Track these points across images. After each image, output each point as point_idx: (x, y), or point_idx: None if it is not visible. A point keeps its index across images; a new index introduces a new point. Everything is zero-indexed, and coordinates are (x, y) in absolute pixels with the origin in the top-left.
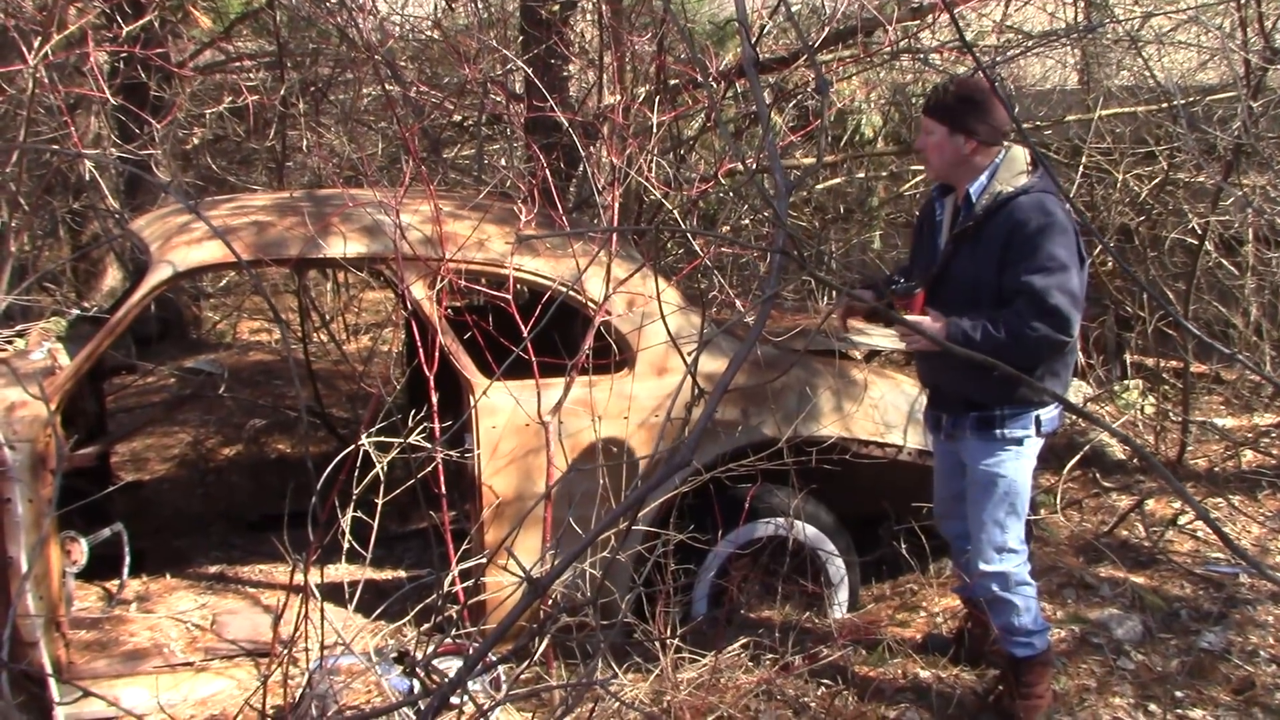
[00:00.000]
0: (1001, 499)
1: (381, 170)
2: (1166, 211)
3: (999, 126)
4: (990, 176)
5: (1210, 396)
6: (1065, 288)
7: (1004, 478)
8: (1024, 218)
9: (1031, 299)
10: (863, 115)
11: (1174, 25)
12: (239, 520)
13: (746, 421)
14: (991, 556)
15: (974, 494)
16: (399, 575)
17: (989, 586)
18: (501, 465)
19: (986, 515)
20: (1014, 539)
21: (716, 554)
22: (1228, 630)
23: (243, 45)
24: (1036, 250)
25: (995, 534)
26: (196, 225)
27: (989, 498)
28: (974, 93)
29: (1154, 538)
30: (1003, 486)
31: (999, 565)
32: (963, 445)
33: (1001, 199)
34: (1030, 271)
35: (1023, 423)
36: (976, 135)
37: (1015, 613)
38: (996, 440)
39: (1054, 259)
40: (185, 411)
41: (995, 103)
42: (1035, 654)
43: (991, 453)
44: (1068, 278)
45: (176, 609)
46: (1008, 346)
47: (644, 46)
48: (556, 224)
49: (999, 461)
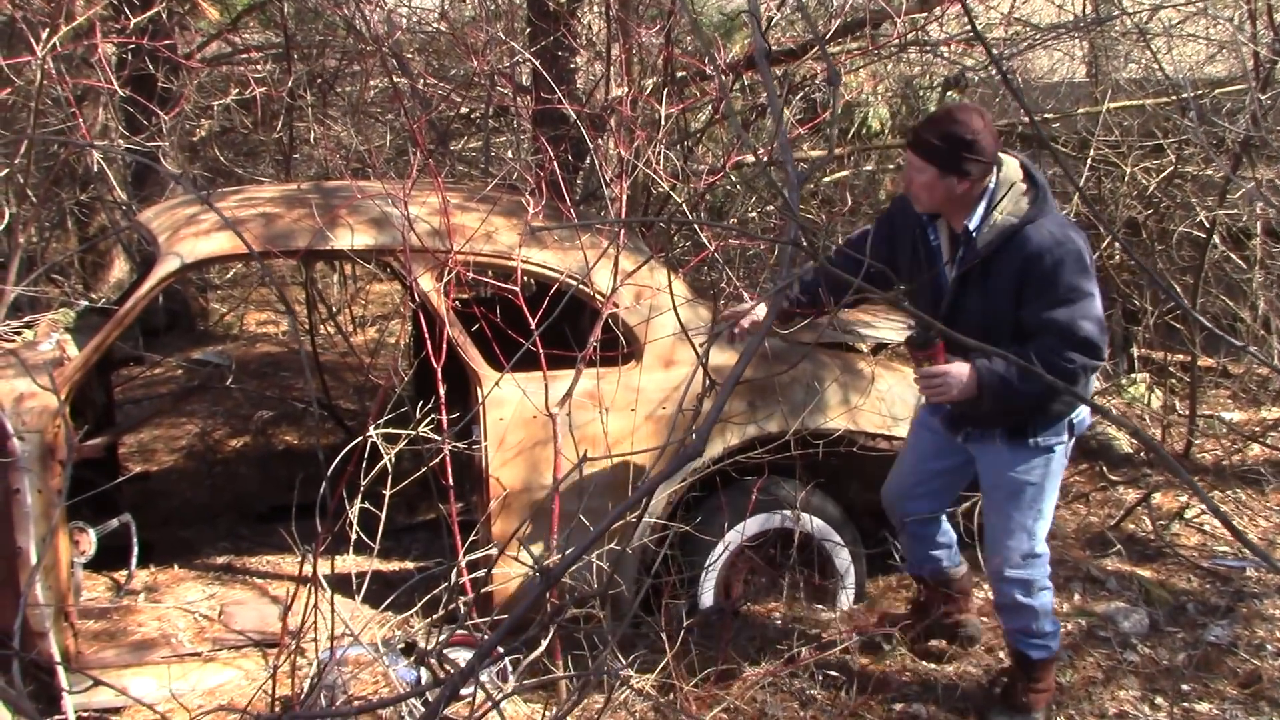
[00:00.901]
0: (1030, 505)
1: (389, 162)
2: (1174, 205)
3: (990, 158)
4: (988, 207)
5: (1217, 390)
6: (1091, 316)
7: (1034, 485)
8: (1036, 251)
9: (1061, 333)
10: (870, 108)
11: (1183, 18)
12: (246, 511)
13: (754, 414)
14: (1018, 563)
15: (999, 499)
16: (406, 566)
17: (1011, 593)
18: (509, 457)
19: (1015, 522)
20: (1040, 544)
21: (723, 547)
22: (1234, 624)
23: (250, 37)
24: (1056, 284)
25: (1023, 540)
26: (204, 217)
27: (1018, 504)
28: (962, 130)
29: (1161, 531)
30: (1032, 493)
31: (1024, 572)
32: (988, 450)
33: (1007, 231)
34: (1054, 306)
35: (1056, 429)
36: (969, 175)
37: (1035, 618)
38: (1029, 449)
39: (1075, 289)
40: (193, 403)
41: (987, 135)
42: (1050, 655)
43: (1024, 460)
44: (1091, 305)
45: (184, 599)
46: (1043, 382)
47: (651, 38)
48: (564, 216)
49: (1031, 469)
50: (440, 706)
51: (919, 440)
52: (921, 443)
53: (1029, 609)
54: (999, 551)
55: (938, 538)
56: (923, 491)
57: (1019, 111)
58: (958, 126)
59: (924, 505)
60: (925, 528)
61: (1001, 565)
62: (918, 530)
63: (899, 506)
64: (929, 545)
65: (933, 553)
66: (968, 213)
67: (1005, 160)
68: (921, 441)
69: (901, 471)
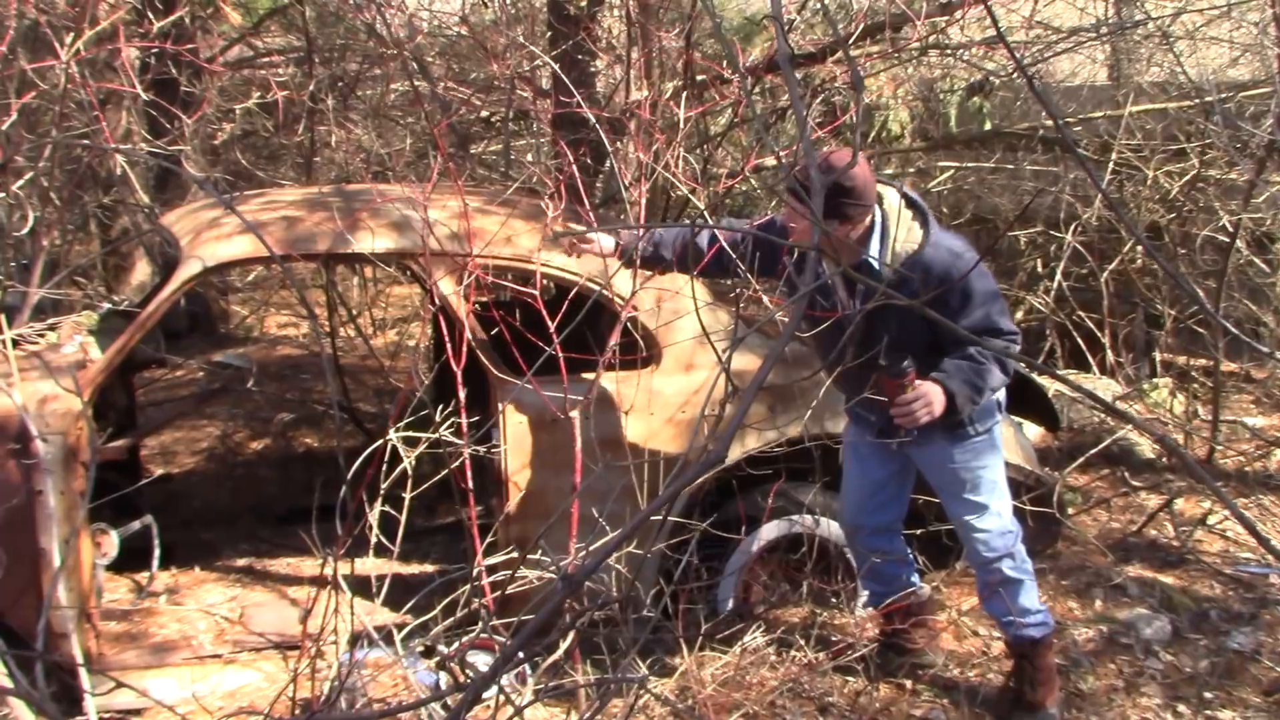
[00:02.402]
0: (990, 488)
1: (409, 166)
2: (1197, 208)
3: (869, 200)
4: (881, 239)
5: (1240, 395)
6: (1004, 309)
7: (986, 467)
8: (944, 272)
9: (991, 330)
10: (890, 111)
11: (1206, 20)
12: (267, 514)
13: (773, 419)
14: (997, 541)
15: (958, 492)
16: (426, 569)
17: (1000, 569)
18: (527, 460)
19: (976, 506)
20: (1010, 520)
21: (741, 551)
22: (1258, 631)
23: (271, 41)
24: (974, 293)
25: (994, 520)
26: (226, 220)
27: (978, 491)
28: (840, 178)
29: (1183, 537)
30: (982, 474)
31: (1003, 547)
32: (929, 450)
33: (909, 260)
34: (974, 312)
35: (988, 412)
36: (850, 219)
37: (1024, 591)
38: (972, 437)
39: (987, 293)
40: (214, 405)
41: (862, 177)
42: (1050, 630)
43: (970, 450)
44: (1001, 300)
45: (205, 601)
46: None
47: (671, 42)
48: (584, 220)
49: (979, 455)
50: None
51: (856, 458)
52: (859, 459)
53: (1017, 582)
54: (976, 538)
55: (902, 556)
56: (876, 503)
57: (1040, 115)
58: (834, 174)
59: (882, 516)
60: (889, 543)
61: (982, 550)
62: (880, 546)
63: (858, 526)
64: (895, 565)
65: (899, 573)
66: (858, 251)
67: (884, 191)
68: (859, 458)
69: (849, 492)
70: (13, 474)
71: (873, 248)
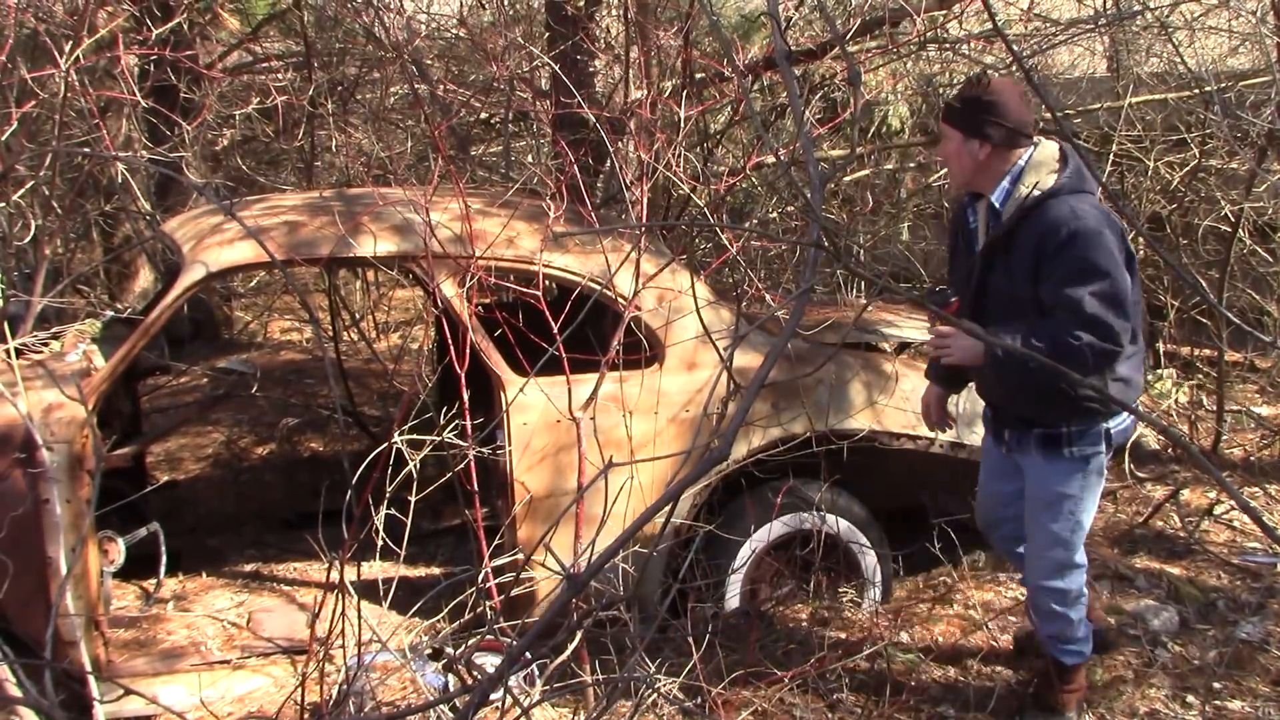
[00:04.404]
0: (1067, 517)
1: (410, 169)
2: (1199, 199)
3: (1017, 127)
4: (1014, 181)
5: (1245, 385)
6: (1104, 294)
7: (1070, 497)
8: (1052, 226)
9: (1071, 310)
10: (890, 106)
11: (1204, 10)
12: (273, 519)
13: (778, 415)
14: (1054, 575)
15: (1036, 511)
16: (433, 572)
17: (1047, 602)
18: (534, 462)
19: (1051, 534)
20: (1078, 554)
21: (749, 548)
22: (1266, 620)
23: (270, 46)
24: (1068, 259)
25: (1059, 553)
26: (228, 226)
27: (1054, 517)
28: (986, 93)
29: (1190, 528)
30: (1069, 506)
31: (1060, 583)
32: (1028, 461)
33: (1028, 205)
34: (1065, 283)
35: (1091, 439)
36: (990, 139)
37: (1069, 625)
38: (1065, 460)
39: (1088, 265)
40: (218, 411)
41: (1012, 102)
42: (1084, 660)
43: (1061, 472)
44: (1106, 284)
45: (213, 607)
46: (1051, 355)
47: (670, 40)
48: (585, 220)
49: (1068, 481)
50: (470, 713)
51: (986, 462)
52: (988, 465)
53: (1063, 617)
54: (1036, 563)
55: None
56: (1001, 516)
57: (1041, 107)
58: (979, 90)
59: (1011, 528)
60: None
61: (1037, 576)
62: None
63: (988, 530)
64: None
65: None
66: (995, 185)
67: (1043, 142)
68: (988, 463)
69: (981, 497)
70: (19, 483)
71: (1002, 189)
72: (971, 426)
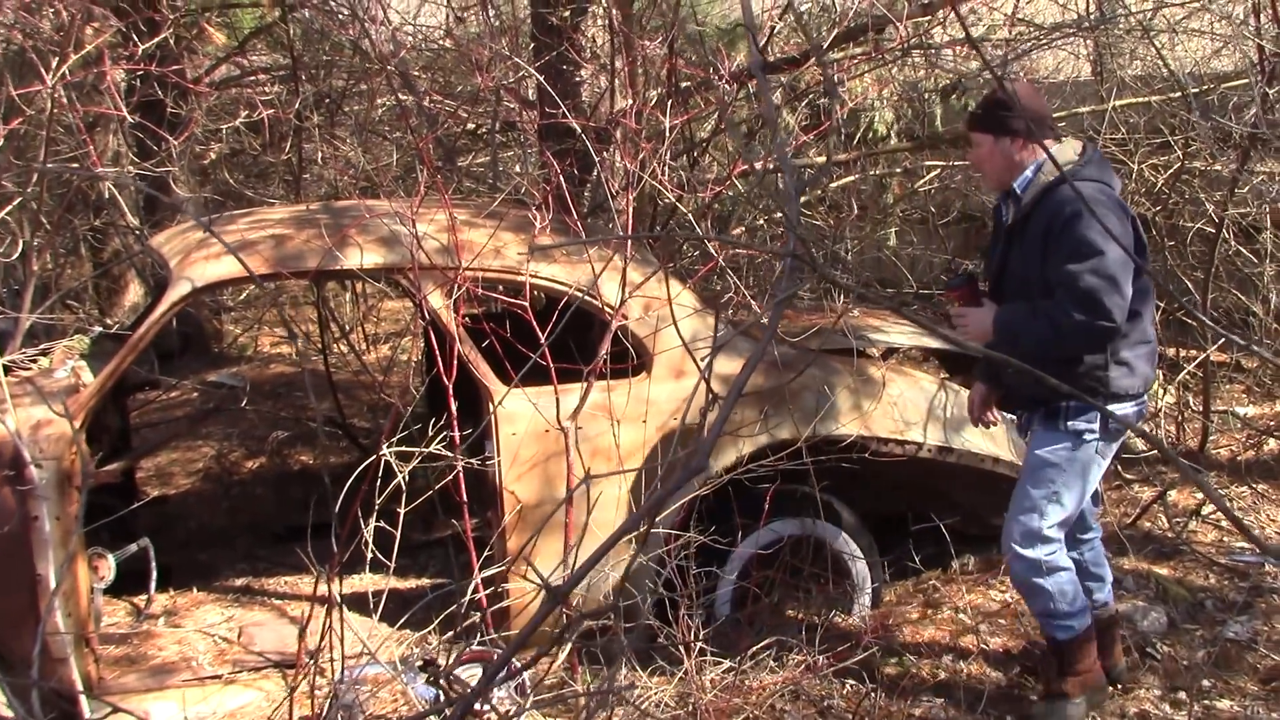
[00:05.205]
0: (1046, 484)
1: (397, 180)
2: (1183, 201)
3: (1040, 119)
4: (1036, 170)
5: (1231, 385)
6: (1098, 271)
7: (1054, 466)
8: (1058, 207)
9: (1066, 287)
10: (876, 112)
11: (1187, 13)
12: (264, 532)
13: (766, 422)
14: (1024, 542)
15: (1023, 476)
16: (424, 583)
17: (1025, 573)
18: (523, 471)
19: (1029, 498)
20: (1050, 527)
21: (738, 555)
22: (1253, 619)
23: (257, 59)
24: (1068, 238)
25: (1033, 518)
26: (215, 240)
27: (1035, 480)
28: (1000, 94)
29: (1177, 528)
30: (1051, 474)
31: (1031, 552)
32: (1032, 439)
33: (1044, 188)
34: (1064, 261)
35: (1088, 416)
36: (1019, 132)
37: (1051, 598)
38: (1060, 431)
39: (1085, 243)
40: (208, 425)
41: (1029, 97)
42: (1075, 635)
43: (1052, 440)
44: (1101, 262)
45: (204, 622)
46: (1046, 334)
47: (655, 50)
48: (571, 230)
49: (1055, 450)
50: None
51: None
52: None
53: (1043, 590)
54: (1009, 524)
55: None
56: None
57: None
58: (995, 93)
59: None
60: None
61: (1009, 540)
62: None
63: None
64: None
65: (1084, 584)
66: (1020, 175)
67: (1067, 141)
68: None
69: None
70: (8, 500)
71: (1024, 176)
72: (958, 430)
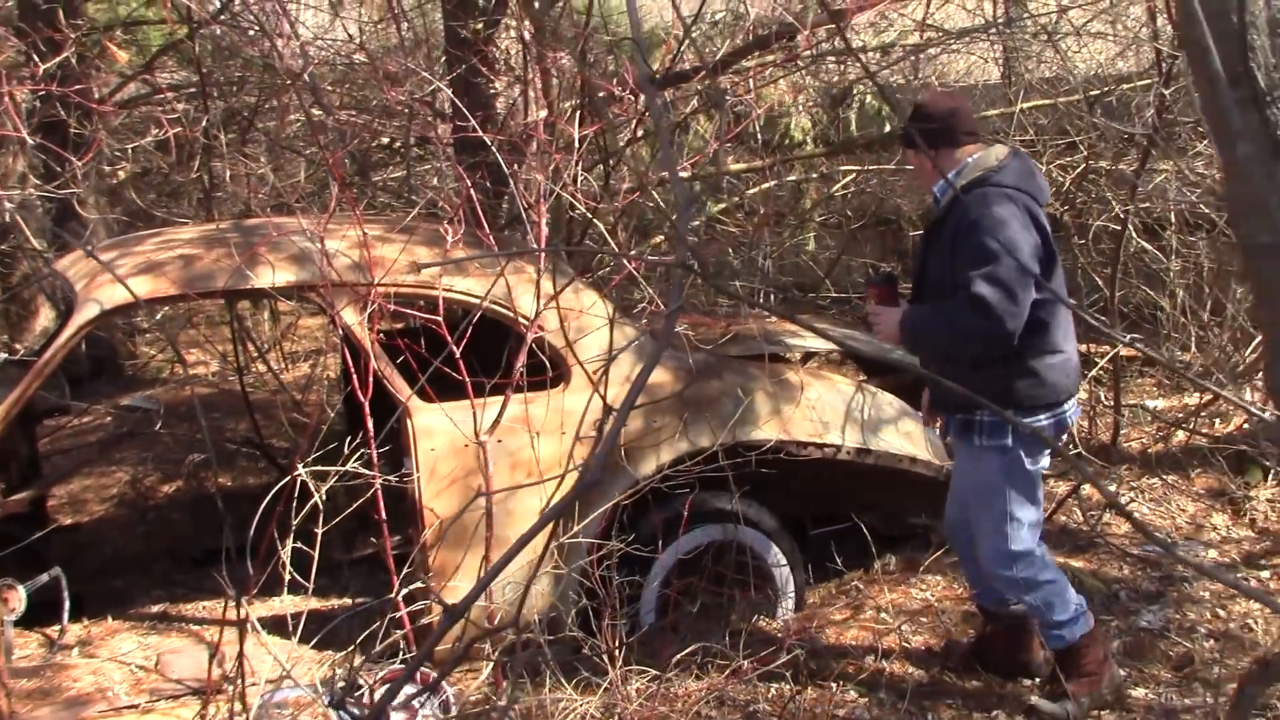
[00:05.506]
0: (993, 507)
1: (312, 196)
2: (1090, 200)
3: (959, 127)
4: (956, 176)
5: (1142, 380)
6: (992, 277)
7: (994, 487)
8: (965, 212)
9: (966, 291)
10: (792, 118)
11: (1090, 16)
12: (181, 557)
13: (685, 429)
14: (1001, 564)
15: (969, 501)
16: (346, 603)
17: (1008, 591)
18: (442, 487)
19: (984, 523)
20: (1020, 542)
21: (661, 564)
22: (1166, 608)
23: (168, 77)
24: (970, 244)
25: (999, 541)
26: (122, 262)
27: (983, 507)
28: (928, 108)
29: (1092, 522)
30: (992, 497)
31: (1009, 572)
32: (956, 449)
33: (956, 195)
34: (964, 267)
35: (1001, 431)
36: (938, 142)
37: (1038, 612)
38: (977, 448)
39: (984, 249)
40: (122, 450)
41: (948, 108)
42: (1068, 643)
43: (976, 461)
44: (995, 269)
45: (119, 651)
46: (943, 336)
47: (567, 61)
48: (484, 243)
49: (982, 470)
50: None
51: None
52: (955, 460)
53: (1030, 604)
54: (982, 549)
55: None
56: (956, 517)
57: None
58: (923, 105)
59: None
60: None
61: (987, 564)
62: (973, 554)
63: (951, 530)
64: None
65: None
66: (932, 180)
67: (994, 147)
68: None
69: (950, 495)
70: None
71: (941, 184)
72: (876, 432)
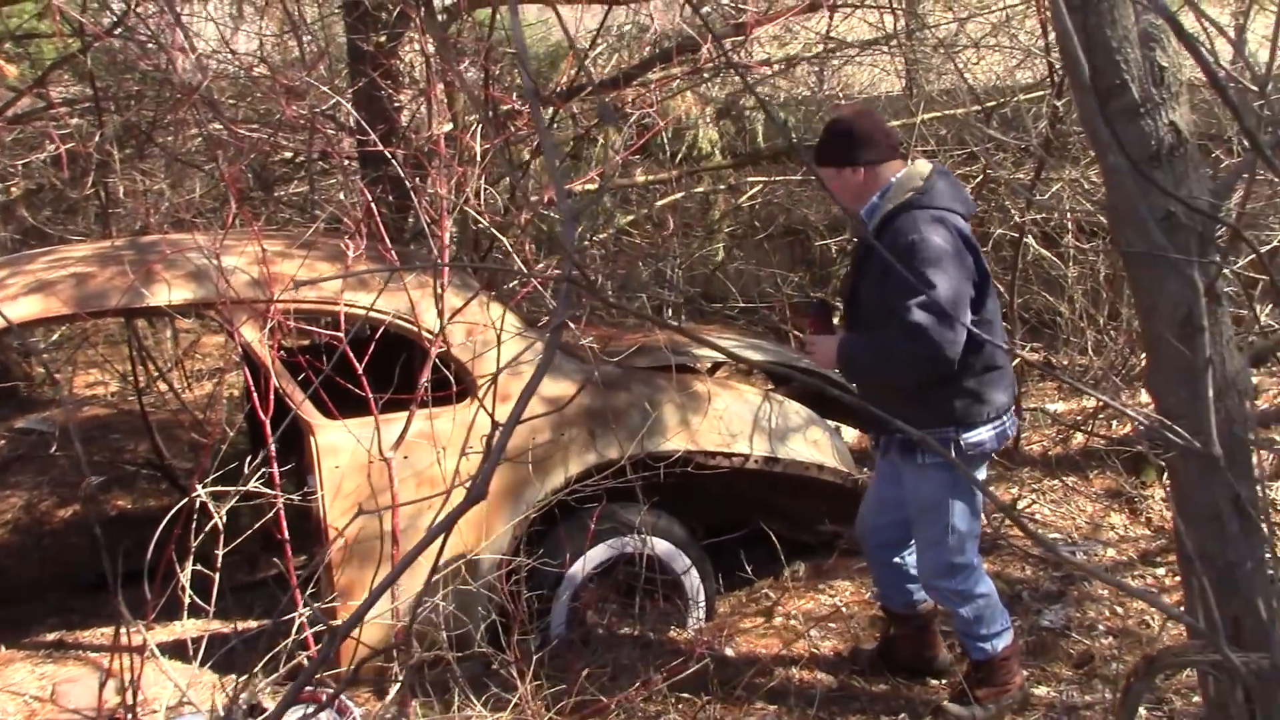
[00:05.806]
0: (934, 522)
1: (212, 212)
2: (990, 209)
3: (883, 144)
4: (881, 196)
5: (1043, 384)
6: (927, 305)
7: (937, 503)
8: (894, 237)
9: (900, 318)
10: (698, 130)
11: (988, 29)
12: (78, 583)
13: (593, 442)
14: (940, 575)
15: (913, 515)
16: (250, 625)
17: (941, 601)
18: (347, 505)
19: (924, 537)
20: (960, 556)
21: (570, 577)
22: (1066, 607)
23: (63, 91)
24: (904, 268)
25: (940, 554)
26: (11, 281)
27: (922, 521)
28: (846, 125)
29: (994, 524)
30: (935, 515)
31: (948, 584)
32: (898, 465)
33: (884, 217)
34: (897, 294)
35: (943, 448)
36: (858, 161)
37: (969, 624)
38: (920, 466)
39: (919, 276)
40: (17, 474)
41: (868, 126)
42: (989, 656)
43: (917, 477)
44: (933, 295)
45: (11, 682)
46: (879, 363)
47: (470, 74)
48: (386, 258)
49: (924, 487)
50: None
51: (877, 468)
52: (878, 471)
53: (962, 617)
54: (921, 559)
55: (907, 569)
56: (875, 522)
57: None
58: (840, 123)
59: (887, 533)
60: (891, 555)
61: (925, 574)
62: (884, 559)
63: (863, 536)
64: (899, 577)
65: (905, 585)
66: (867, 202)
67: (918, 162)
68: (878, 469)
69: (866, 501)
70: None
71: (871, 203)
72: (784, 440)
